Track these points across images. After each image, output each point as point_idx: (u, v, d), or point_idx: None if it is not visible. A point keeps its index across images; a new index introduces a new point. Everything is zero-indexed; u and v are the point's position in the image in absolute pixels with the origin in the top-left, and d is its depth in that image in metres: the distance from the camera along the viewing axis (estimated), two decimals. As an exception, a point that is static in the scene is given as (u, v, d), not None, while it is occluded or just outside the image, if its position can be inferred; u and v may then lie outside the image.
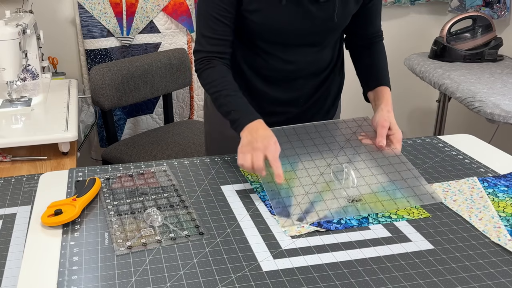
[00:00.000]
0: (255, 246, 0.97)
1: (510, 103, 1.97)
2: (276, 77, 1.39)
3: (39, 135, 1.63)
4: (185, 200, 1.13)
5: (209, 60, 1.30)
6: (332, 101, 1.51)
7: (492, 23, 2.59)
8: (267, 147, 1.14)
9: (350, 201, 1.11)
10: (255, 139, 1.15)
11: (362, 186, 1.15)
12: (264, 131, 1.18)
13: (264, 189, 1.15)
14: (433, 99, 3.07)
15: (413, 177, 1.19)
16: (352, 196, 1.13)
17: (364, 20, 1.41)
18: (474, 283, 0.87)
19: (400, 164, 1.23)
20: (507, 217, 1.07)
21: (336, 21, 1.30)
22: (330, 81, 1.47)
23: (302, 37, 1.33)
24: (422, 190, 1.15)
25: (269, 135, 1.17)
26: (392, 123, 1.29)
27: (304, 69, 1.39)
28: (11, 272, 0.92)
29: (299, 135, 1.32)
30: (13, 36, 1.70)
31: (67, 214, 1.03)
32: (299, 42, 1.34)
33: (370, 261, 0.93)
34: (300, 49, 1.36)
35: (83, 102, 2.54)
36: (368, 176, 1.19)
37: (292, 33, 1.31)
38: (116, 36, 2.52)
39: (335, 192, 1.14)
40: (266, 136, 1.16)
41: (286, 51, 1.35)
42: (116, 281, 0.87)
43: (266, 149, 1.13)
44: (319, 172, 1.20)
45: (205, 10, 1.28)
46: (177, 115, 2.79)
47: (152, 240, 0.98)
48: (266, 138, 1.15)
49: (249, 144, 1.15)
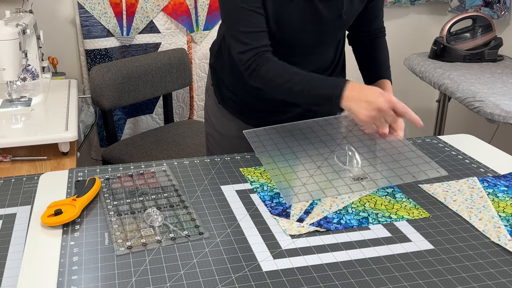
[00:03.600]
0: (255, 246, 0.97)
1: (510, 103, 1.97)
2: None
3: (39, 135, 1.63)
4: (185, 200, 1.13)
5: (260, 56, 1.24)
6: None
7: (492, 23, 2.59)
8: (390, 100, 1.14)
9: (355, 180, 1.11)
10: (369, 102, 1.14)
11: (367, 167, 1.16)
12: (368, 90, 1.16)
13: (277, 187, 1.16)
14: (433, 99, 3.07)
15: (416, 156, 1.19)
16: (357, 175, 1.13)
17: (368, 17, 1.42)
18: (474, 283, 0.87)
19: (403, 147, 1.24)
20: (507, 217, 1.07)
21: (345, 19, 1.30)
22: None
23: (310, 35, 1.32)
24: (427, 166, 1.16)
25: (376, 92, 1.16)
26: None
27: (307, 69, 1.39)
28: (11, 272, 0.92)
29: (301, 129, 1.33)
30: (13, 36, 1.70)
31: (67, 214, 1.03)
32: (306, 41, 1.34)
33: (370, 261, 0.93)
34: (305, 49, 1.36)
35: (83, 102, 2.54)
36: (372, 158, 1.19)
37: (300, 31, 1.31)
38: (116, 36, 2.52)
39: (340, 173, 1.14)
40: (375, 94, 1.15)
41: (291, 51, 1.35)
42: (116, 281, 0.87)
43: (391, 103, 1.14)
44: (322, 158, 1.20)
45: (234, 6, 1.22)
46: (177, 115, 2.79)
47: (152, 240, 0.98)
48: (378, 95, 1.14)
49: (370, 110, 1.14)
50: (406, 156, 1.20)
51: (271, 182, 1.22)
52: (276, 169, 1.16)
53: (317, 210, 1.09)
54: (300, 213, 1.08)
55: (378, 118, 1.16)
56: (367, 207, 1.11)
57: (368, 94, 1.16)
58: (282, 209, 1.10)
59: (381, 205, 1.12)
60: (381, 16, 1.46)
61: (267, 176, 1.24)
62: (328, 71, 1.44)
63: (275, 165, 1.18)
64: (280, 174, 1.15)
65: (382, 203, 1.12)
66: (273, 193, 1.17)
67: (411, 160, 1.19)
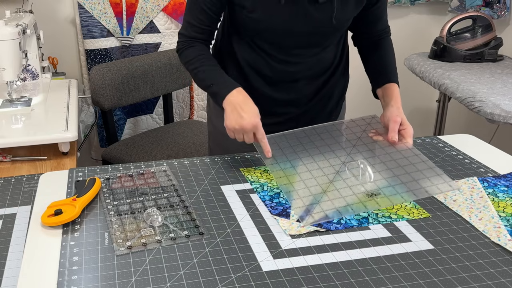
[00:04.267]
0: (255, 246, 0.97)
1: (510, 103, 1.97)
2: (276, 78, 1.39)
3: (39, 135, 1.62)
4: (185, 200, 1.13)
5: (188, 42, 1.36)
6: (335, 103, 1.50)
7: (492, 23, 2.59)
8: (256, 126, 1.21)
9: (369, 196, 1.11)
10: (240, 115, 1.21)
11: (380, 180, 1.16)
12: (247, 106, 1.23)
13: (282, 191, 1.16)
14: (433, 99, 3.07)
15: (428, 168, 1.19)
16: (371, 190, 1.13)
17: (371, 20, 1.41)
18: (474, 283, 0.87)
19: (414, 157, 1.24)
20: (507, 217, 1.07)
21: (335, 24, 1.30)
22: (333, 82, 1.46)
23: (301, 37, 1.33)
24: (439, 180, 1.16)
25: (253, 111, 1.22)
26: (403, 119, 1.30)
27: (305, 70, 1.39)
28: (11, 272, 0.92)
29: (309, 136, 1.33)
30: (13, 36, 1.70)
31: (67, 214, 1.03)
32: (298, 43, 1.34)
33: (370, 261, 0.93)
34: (300, 50, 1.36)
35: (83, 102, 2.54)
36: (384, 171, 1.19)
37: (291, 34, 1.31)
38: (116, 36, 2.52)
39: (353, 188, 1.14)
40: (251, 112, 1.21)
41: (287, 52, 1.35)
42: (116, 281, 0.87)
43: (255, 128, 1.20)
44: (334, 171, 1.20)
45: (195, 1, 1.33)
46: (177, 115, 2.79)
47: (152, 240, 0.98)
48: (252, 115, 1.21)
49: (236, 122, 1.21)
50: (417, 168, 1.20)
51: (271, 182, 1.22)
52: (289, 185, 1.17)
53: (317, 211, 1.09)
54: (300, 213, 1.08)
55: (238, 132, 1.22)
56: (369, 207, 1.11)
57: (244, 108, 1.22)
58: (282, 209, 1.10)
59: (381, 205, 1.12)
60: (384, 17, 1.44)
61: (267, 176, 1.24)
62: (329, 71, 1.44)
63: (287, 180, 1.18)
64: (294, 190, 1.16)
65: (382, 203, 1.12)
66: (273, 193, 1.17)
67: (422, 173, 1.18)
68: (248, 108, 1.22)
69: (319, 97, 1.46)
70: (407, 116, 1.33)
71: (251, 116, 1.21)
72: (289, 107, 1.44)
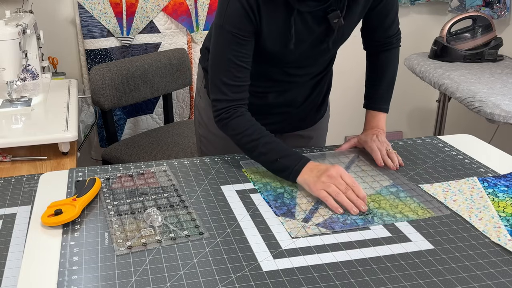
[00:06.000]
0: (255, 246, 0.97)
1: (510, 103, 1.97)
2: (275, 84, 1.39)
3: (39, 135, 1.62)
4: (185, 200, 1.13)
5: (235, 108, 1.24)
6: (323, 97, 1.52)
7: (492, 23, 2.59)
8: (342, 173, 1.13)
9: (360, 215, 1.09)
10: (323, 171, 1.13)
11: (371, 203, 1.13)
12: (324, 165, 1.16)
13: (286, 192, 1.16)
14: (433, 99, 3.07)
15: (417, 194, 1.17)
16: None
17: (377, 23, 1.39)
18: (474, 283, 0.87)
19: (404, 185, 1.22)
20: (507, 217, 1.07)
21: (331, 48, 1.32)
22: (325, 79, 1.48)
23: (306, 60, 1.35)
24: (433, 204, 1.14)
25: (333, 164, 1.16)
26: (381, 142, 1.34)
27: (303, 76, 1.40)
28: (11, 272, 0.92)
29: None
30: (13, 36, 1.70)
31: (67, 214, 1.03)
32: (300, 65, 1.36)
33: (370, 261, 0.93)
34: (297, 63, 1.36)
35: (83, 102, 2.54)
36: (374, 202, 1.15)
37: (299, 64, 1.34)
38: (116, 36, 2.52)
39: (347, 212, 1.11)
40: (331, 166, 1.15)
41: (286, 66, 1.35)
42: (116, 281, 0.87)
43: (341, 171, 1.13)
44: None
45: (223, 55, 1.21)
46: (177, 115, 2.79)
47: (152, 240, 0.98)
48: (334, 167, 1.14)
49: (322, 179, 1.12)
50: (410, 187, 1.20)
51: (274, 181, 1.22)
52: (293, 185, 1.17)
53: (322, 211, 1.09)
54: (305, 212, 1.08)
55: (328, 184, 1.11)
56: (372, 207, 1.11)
57: (321, 167, 1.16)
58: (287, 209, 1.10)
59: (385, 205, 1.12)
60: (388, 22, 1.39)
61: (270, 175, 1.24)
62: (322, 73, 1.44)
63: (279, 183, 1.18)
64: (298, 190, 1.16)
65: (387, 203, 1.12)
66: (276, 193, 1.17)
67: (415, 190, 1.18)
68: (324, 166, 1.16)
69: (314, 95, 1.48)
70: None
71: (329, 166, 1.15)
72: (285, 107, 1.46)
